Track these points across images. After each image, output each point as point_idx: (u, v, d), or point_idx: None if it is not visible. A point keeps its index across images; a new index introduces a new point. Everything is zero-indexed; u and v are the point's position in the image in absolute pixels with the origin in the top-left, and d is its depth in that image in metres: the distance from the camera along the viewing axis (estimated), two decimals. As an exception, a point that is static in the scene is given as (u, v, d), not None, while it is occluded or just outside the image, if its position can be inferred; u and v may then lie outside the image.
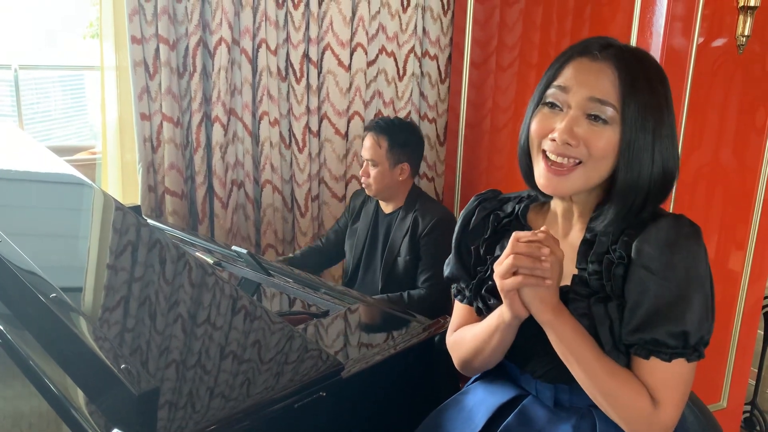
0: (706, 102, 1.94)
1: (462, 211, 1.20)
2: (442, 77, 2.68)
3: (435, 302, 2.02)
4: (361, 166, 2.24)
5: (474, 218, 1.16)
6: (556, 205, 1.09)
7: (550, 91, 1.00)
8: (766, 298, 2.25)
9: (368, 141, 2.17)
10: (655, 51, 1.90)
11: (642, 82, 0.97)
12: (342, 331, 1.41)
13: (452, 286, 1.21)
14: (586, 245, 1.03)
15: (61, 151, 4.61)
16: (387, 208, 2.24)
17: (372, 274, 2.20)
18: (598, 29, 2.10)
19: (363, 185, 2.22)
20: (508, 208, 1.15)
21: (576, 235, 1.06)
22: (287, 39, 2.38)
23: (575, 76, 0.98)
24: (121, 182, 2.37)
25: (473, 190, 2.70)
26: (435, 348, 1.38)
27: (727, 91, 1.97)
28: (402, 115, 2.63)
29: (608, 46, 1.00)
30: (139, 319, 1.17)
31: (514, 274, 0.96)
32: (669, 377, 0.97)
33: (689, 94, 1.91)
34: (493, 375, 1.19)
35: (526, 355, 1.09)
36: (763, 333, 2.33)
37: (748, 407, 2.36)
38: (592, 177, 0.99)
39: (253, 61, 2.35)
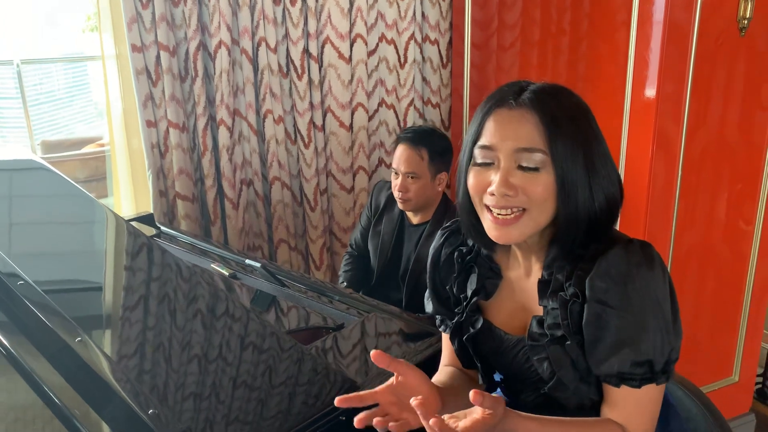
0: (710, 79, 1.93)
1: (430, 249, 1.20)
2: (444, 62, 2.66)
3: None
4: (391, 178, 2.09)
5: (441, 255, 1.17)
6: (515, 246, 1.09)
7: (477, 151, 0.99)
8: (775, 272, 2.27)
9: (406, 153, 2.01)
10: (657, 27, 1.88)
11: (563, 118, 0.96)
12: (358, 346, 1.45)
13: (436, 318, 1.22)
14: (543, 284, 1.03)
15: (70, 145, 4.64)
16: (414, 218, 2.14)
17: (396, 285, 2.14)
18: (599, 6, 2.08)
19: (399, 200, 2.07)
20: (470, 242, 1.14)
21: (537, 271, 1.07)
22: (286, 35, 2.38)
23: (497, 130, 0.97)
24: (130, 170, 2.40)
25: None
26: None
27: (731, 68, 1.95)
28: (406, 102, 2.63)
29: (521, 90, 0.99)
30: (156, 355, 1.22)
31: None
32: (640, 402, 0.99)
33: (692, 71, 1.90)
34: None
35: (517, 387, 1.13)
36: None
37: (760, 379, 2.40)
38: (540, 220, 0.99)
39: (254, 60, 2.35)
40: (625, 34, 1.96)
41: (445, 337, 1.22)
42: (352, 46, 2.48)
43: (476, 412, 0.87)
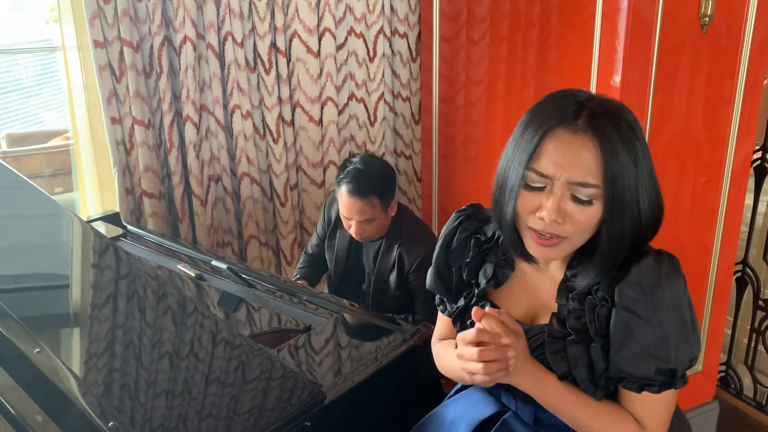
0: (674, 74, 1.95)
1: (443, 229, 1.21)
2: (413, 55, 2.66)
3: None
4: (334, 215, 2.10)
5: (456, 238, 1.17)
6: None
7: (532, 175, 0.98)
8: (737, 264, 2.31)
9: (357, 205, 1.96)
10: (621, 21, 1.89)
11: (620, 149, 0.95)
12: (324, 349, 1.45)
13: (436, 296, 1.24)
14: (567, 283, 1.06)
15: (36, 139, 4.54)
16: None
17: (354, 294, 2.13)
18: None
19: (358, 239, 2.06)
20: (489, 231, 1.16)
21: (556, 268, 1.09)
22: (253, 30, 2.35)
23: (557, 158, 0.96)
24: (95, 164, 2.36)
25: (451, 166, 2.72)
26: (419, 355, 1.42)
27: (694, 63, 1.97)
28: (376, 96, 2.62)
29: (581, 107, 0.97)
30: (122, 366, 1.21)
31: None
32: (658, 405, 1.03)
33: (656, 67, 1.91)
34: (475, 388, 1.24)
35: None
36: (735, 298, 2.40)
37: (723, 367, 2.45)
38: (578, 244, 1.02)
39: (220, 55, 2.32)
40: (592, 27, 1.98)
41: (441, 317, 1.25)
42: (320, 40, 2.46)
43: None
